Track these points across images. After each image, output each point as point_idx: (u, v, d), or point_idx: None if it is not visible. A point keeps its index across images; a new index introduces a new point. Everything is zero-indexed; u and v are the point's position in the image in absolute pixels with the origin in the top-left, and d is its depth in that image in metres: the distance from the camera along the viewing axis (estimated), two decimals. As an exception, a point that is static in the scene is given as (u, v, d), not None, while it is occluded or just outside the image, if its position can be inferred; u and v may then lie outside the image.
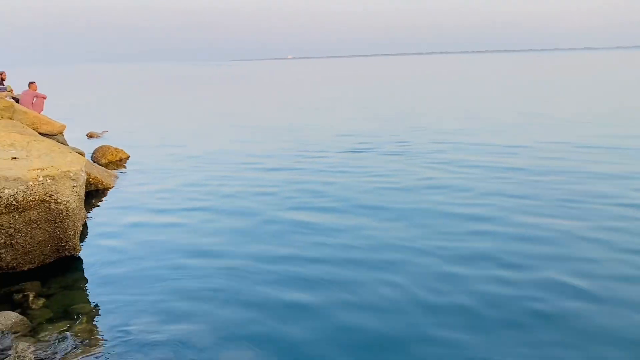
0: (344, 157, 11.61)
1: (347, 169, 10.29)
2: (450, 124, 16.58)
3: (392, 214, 7.36)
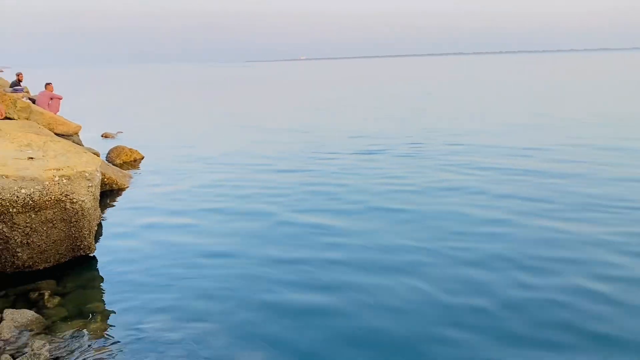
0: (357, 158, 11.59)
1: (360, 171, 10.27)
2: (464, 125, 16.50)
3: (406, 216, 7.31)
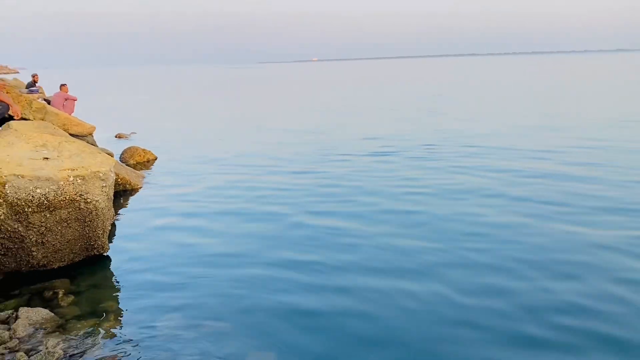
0: (370, 160, 11.54)
1: (373, 172, 10.21)
2: (477, 127, 16.36)
3: (419, 219, 7.23)
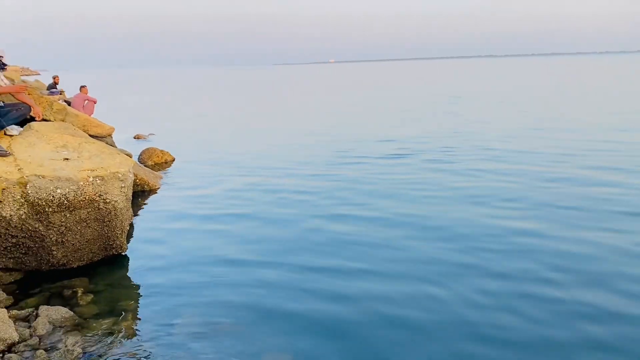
0: (386, 163, 11.48)
1: (389, 176, 10.12)
2: (498, 129, 16.21)
3: (435, 225, 7.11)
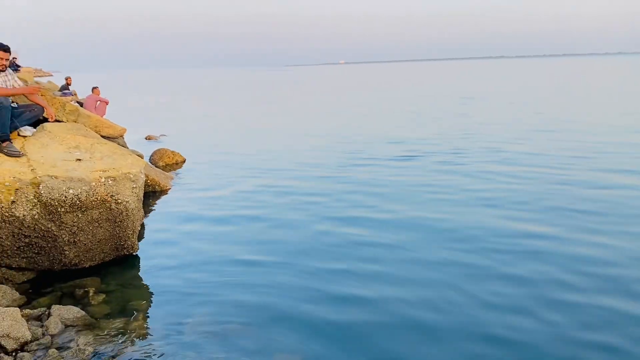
0: (397, 165, 11.41)
1: (400, 178, 10.03)
2: (508, 131, 16.07)
3: (446, 228, 7.03)
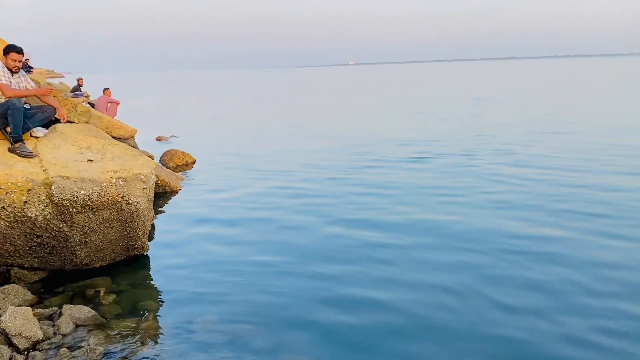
0: (408, 167, 11.30)
1: (411, 181, 9.91)
2: (520, 133, 15.93)
3: (458, 231, 6.92)
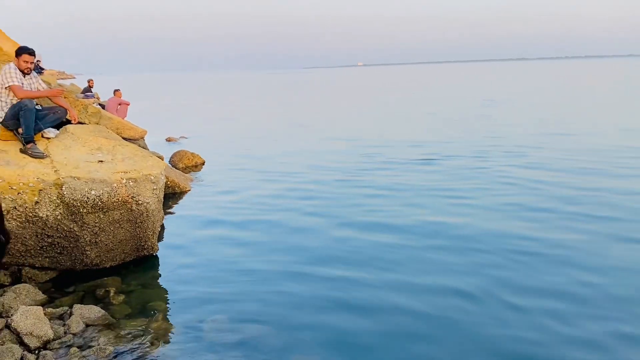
0: (418, 169, 11.19)
1: (421, 183, 9.81)
2: (531, 134, 15.78)
3: (467, 235, 6.82)
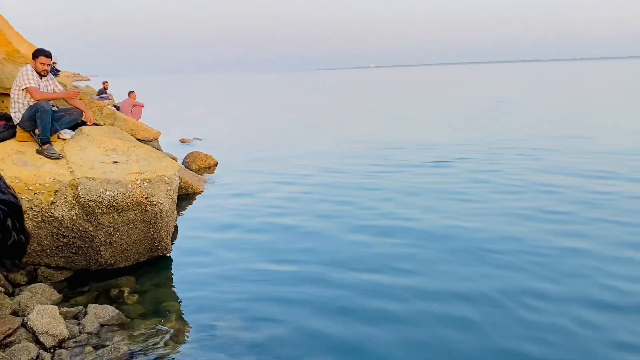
0: (430, 172, 11.07)
1: (433, 186, 9.68)
2: (546, 137, 15.60)
3: (480, 239, 6.72)
